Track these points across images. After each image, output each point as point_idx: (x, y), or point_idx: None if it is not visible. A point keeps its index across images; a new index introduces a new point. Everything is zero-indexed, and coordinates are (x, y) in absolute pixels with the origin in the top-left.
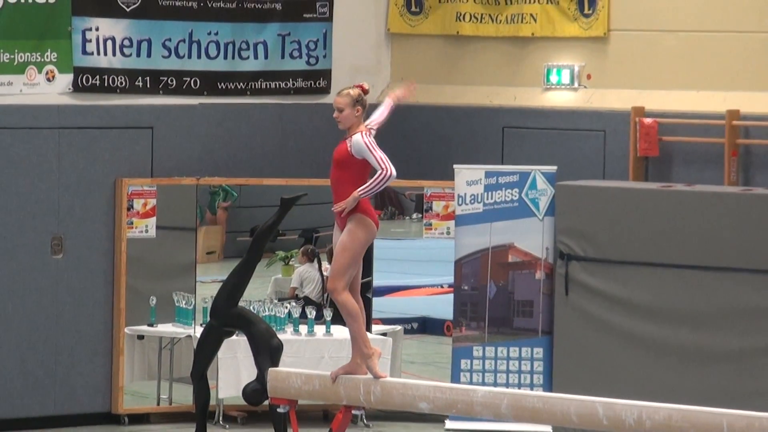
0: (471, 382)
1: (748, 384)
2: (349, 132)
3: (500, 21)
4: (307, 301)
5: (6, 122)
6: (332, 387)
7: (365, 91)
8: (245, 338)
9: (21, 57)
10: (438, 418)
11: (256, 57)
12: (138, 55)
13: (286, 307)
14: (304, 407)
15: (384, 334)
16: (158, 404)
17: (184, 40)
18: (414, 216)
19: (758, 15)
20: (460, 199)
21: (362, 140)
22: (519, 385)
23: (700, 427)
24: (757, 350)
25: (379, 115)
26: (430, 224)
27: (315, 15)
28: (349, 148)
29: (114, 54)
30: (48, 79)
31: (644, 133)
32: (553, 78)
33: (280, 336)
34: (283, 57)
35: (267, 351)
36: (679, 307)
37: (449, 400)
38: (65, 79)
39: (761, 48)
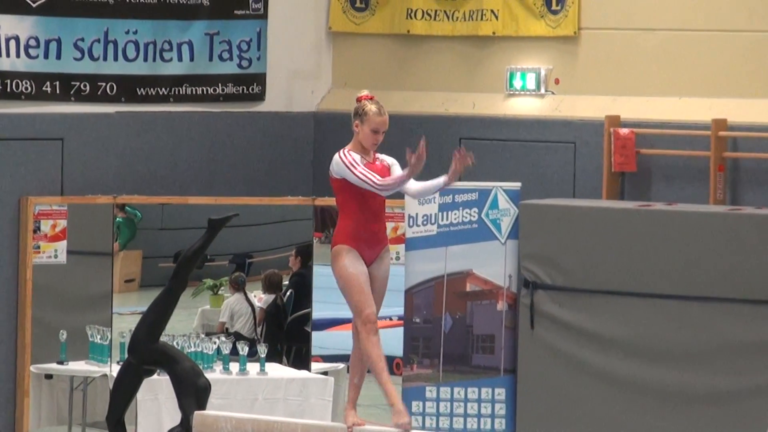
0: (423, 427)
1: (737, 429)
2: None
3: (457, 18)
4: (239, 336)
5: None
6: None
7: (358, 100)
8: (168, 377)
9: None
10: None
11: (180, 59)
12: (46, 56)
13: (215, 343)
14: None
15: (325, 373)
16: None
17: (98, 40)
18: None
19: (748, 12)
20: (411, 220)
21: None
22: (478, 431)
23: None
24: (747, 391)
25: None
26: None
27: (247, 12)
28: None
29: (18, 55)
30: None
31: (619, 146)
32: (517, 83)
33: (208, 375)
34: (211, 59)
35: (192, 392)
36: (659, 342)
37: None
38: None
39: (751, 49)
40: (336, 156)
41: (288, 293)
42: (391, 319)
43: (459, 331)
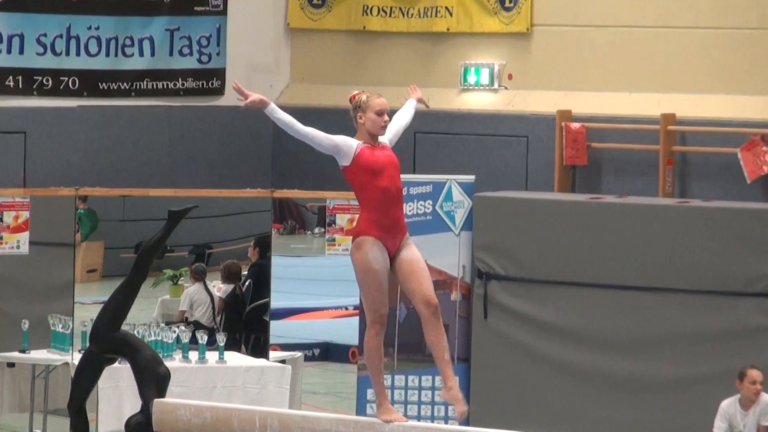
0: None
1: (685, 416)
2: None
3: (412, 15)
4: (198, 325)
5: None
6: (225, 420)
7: (351, 99)
8: (128, 366)
9: None
10: None
11: (141, 54)
12: (8, 51)
13: (175, 332)
14: None
15: (282, 362)
16: None
17: (61, 36)
18: (316, 230)
19: (695, 10)
20: None
21: None
22: (432, 418)
23: None
24: (696, 379)
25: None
26: (334, 239)
27: (207, 8)
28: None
29: None
30: None
31: (571, 140)
32: (471, 78)
33: (168, 363)
34: (171, 54)
35: (152, 380)
36: (610, 331)
37: None
38: None
39: (699, 46)
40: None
41: (247, 283)
42: (347, 308)
43: (413, 320)
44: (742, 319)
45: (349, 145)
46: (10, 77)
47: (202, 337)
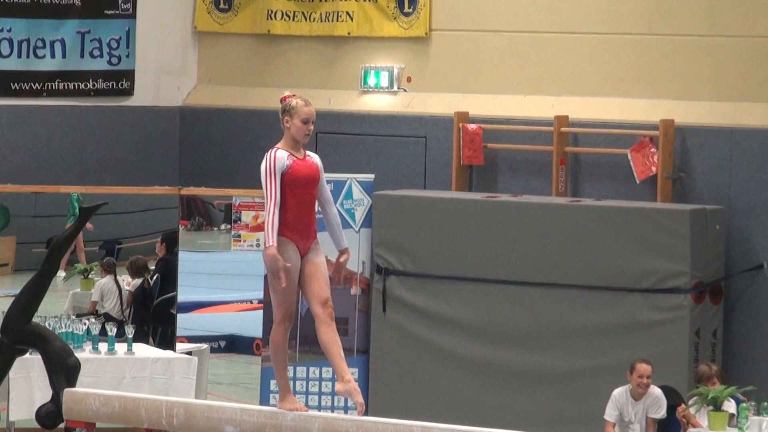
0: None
1: (577, 408)
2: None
3: (314, 19)
4: (108, 317)
5: None
6: (133, 409)
7: (282, 100)
8: (39, 357)
9: None
10: None
11: (53, 56)
12: None
13: (85, 324)
14: (104, 430)
15: (189, 353)
16: None
17: None
18: (222, 227)
19: (587, 16)
20: None
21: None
22: (332, 408)
23: None
24: (587, 372)
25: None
26: (239, 236)
27: (117, 12)
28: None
29: None
30: None
31: (468, 140)
32: (371, 80)
33: (78, 354)
34: (82, 56)
35: (63, 370)
36: (505, 325)
37: (257, 424)
38: None
39: (590, 50)
40: (266, 154)
41: (155, 278)
42: (252, 302)
43: None
44: (632, 313)
45: (282, 163)
46: None
47: (112, 329)
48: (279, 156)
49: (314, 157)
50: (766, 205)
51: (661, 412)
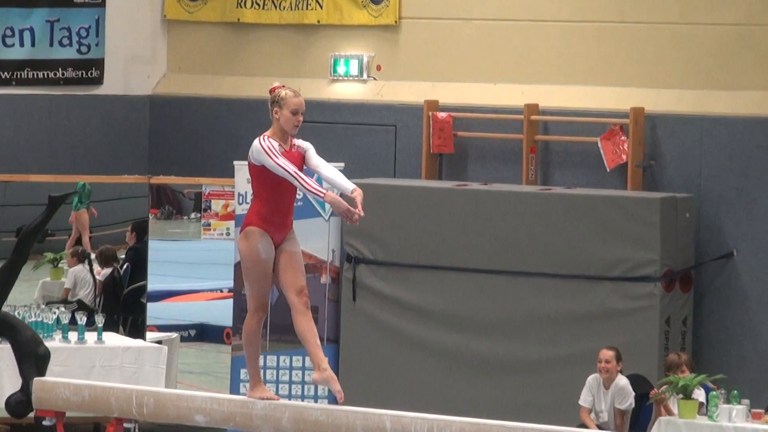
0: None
1: (548, 396)
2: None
3: (284, 8)
4: (81, 305)
5: None
6: (102, 398)
7: (272, 91)
8: (9, 346)
9: None
10: None
11: (22, 45)
12: None
13: (55, 313)
14: (73, 420)
15: (159, 342)
16: None
17: None
18: (192, 215)
19: (557, 3)
20: (241, 197)
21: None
22: (302, 397)
23: None
24: (557, 360)
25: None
26: (209, 224)
27: (86, 0)
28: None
29: None
30: None
31: (438, 129)
32: (341, 69)
33: (48, 343)
34: (51, 45)
35: (32, 359)
36: (475, 314)
37: (227, 413)
38: None
39: (560, 38)
40: (255, 142)
41: (125, 267)
42: (222, 291)
43: (285, 302)
44: (601, 302)
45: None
46: None
47: (82, 318)
48: (272, 142)
49: (302, 146)
50: (736, 193)
51: (627, 403)
